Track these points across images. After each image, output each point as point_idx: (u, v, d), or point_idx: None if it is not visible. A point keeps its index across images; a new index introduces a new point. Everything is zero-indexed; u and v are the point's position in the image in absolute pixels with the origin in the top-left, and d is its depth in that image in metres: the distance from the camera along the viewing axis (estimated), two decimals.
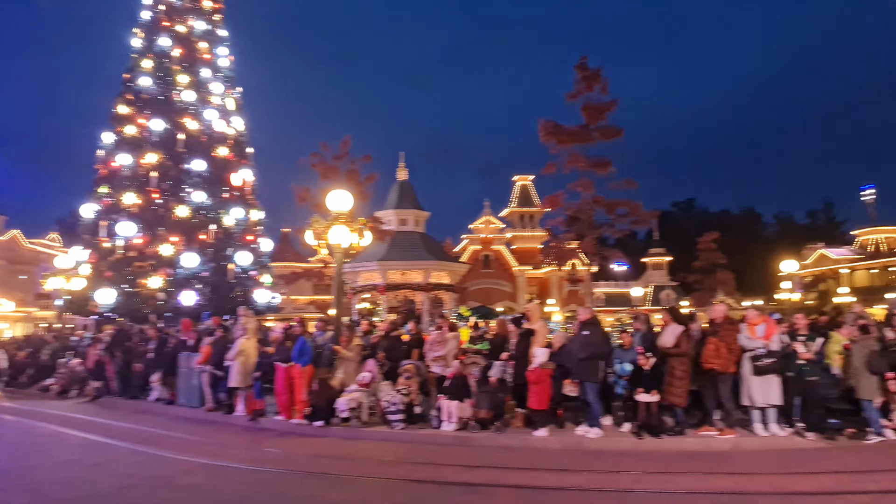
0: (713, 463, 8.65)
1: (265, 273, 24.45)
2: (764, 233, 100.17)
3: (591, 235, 25.94)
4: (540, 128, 25.69)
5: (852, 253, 63.28)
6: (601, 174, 25.56)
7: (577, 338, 10.56)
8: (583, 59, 25.58)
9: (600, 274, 62.22)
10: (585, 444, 9.81)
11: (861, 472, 7.87)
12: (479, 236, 61.24)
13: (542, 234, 40.49)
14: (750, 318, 10.46)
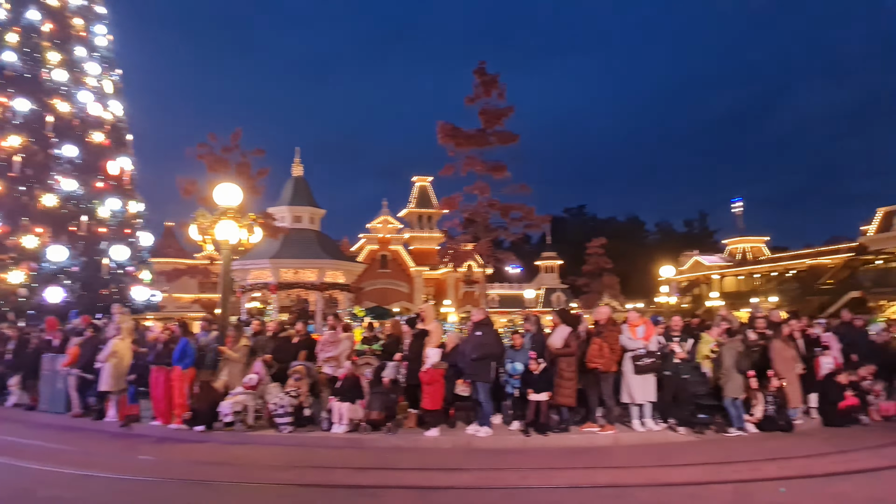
0: (595, 458, 9.01)
1: (144, 269, 22.96)
2: (646, 240, 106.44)
3: (486, 238, 26.41)
4: (438, 129, 25.87)
5: (723, 260, 68.49)
6: (497, 178, 26.08)
7: (470, 338, 10.67)
8: (481, 65, 26.01)
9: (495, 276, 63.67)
10: (476, 443, 9.94)
11: (725, 463, 8.46)
12: (376, 236, 60.84)
13: (440, 236, 40.86)
14: (631, 319, 11.01)
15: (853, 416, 11.31)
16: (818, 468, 8.15)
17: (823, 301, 47.92)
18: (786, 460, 8.59)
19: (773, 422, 10.55)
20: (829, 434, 10.62)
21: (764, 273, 62.45)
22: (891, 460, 8.51)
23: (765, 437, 10.31)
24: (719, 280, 66.56)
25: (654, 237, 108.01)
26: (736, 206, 73.18)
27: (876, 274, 46.76)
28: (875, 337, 13.20)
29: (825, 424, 11.22)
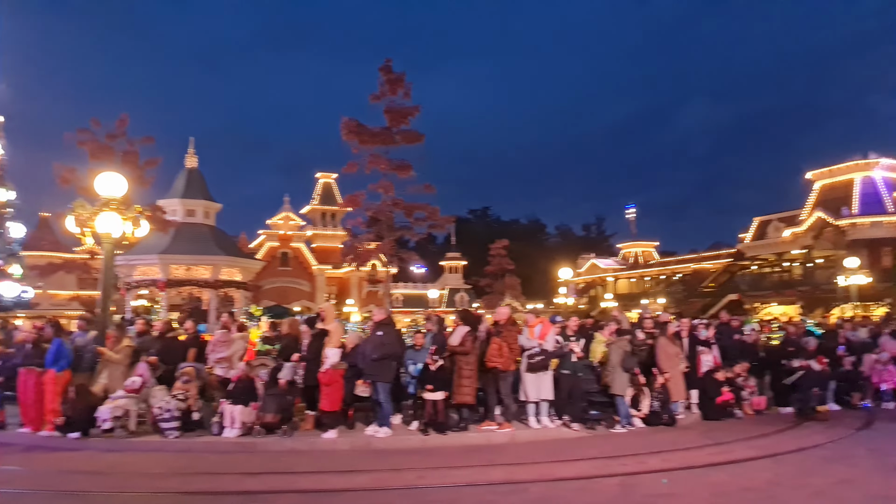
0: (492, 455, 9.13)
1: (14, 263, 21.09)
2: (547, 242, 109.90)
3: (390, 237, 26.30)
4: (342, 126, 25.50)
5: (617, 263, 71.85)
6: (402, 177, 26.04)
7: (371, 338, 10.55)
8: (387, 62, 25.89)
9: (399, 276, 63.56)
10: (374, 444, 9.83)
11: (613, 457, 8.81)
12: (277, 233, 59.11)
13: (344, 234, 40.31)
14: (529, 320, 11.26)
15: (729, 410, 12.13)
16: (697, 460, 8.64)
17: (706, 303, 51.28)
18: (668, 453, 9.06)
19: (657, 416, 11.12)
20: (707, 427, 11.31)
21: (653, 276, 66.06)
22: (761, 451, 9.16)
23: (650, 431, 10.85)
24: (614, 282, 69.78)
25: (554, 240, 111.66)
26: (629, 213, 77.11)
27: (751, 278, 50.60)
28: (748, 337, 14.20)
29: (704, 418, 11.96)
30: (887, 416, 12.28)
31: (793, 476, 7.77)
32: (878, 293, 38.42)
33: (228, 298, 26.24)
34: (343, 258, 29.90)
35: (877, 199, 41.42)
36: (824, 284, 40.65)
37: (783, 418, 12.11)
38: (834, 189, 43.60)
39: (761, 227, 49.38)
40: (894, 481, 7.47)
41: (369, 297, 59.56)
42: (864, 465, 8.31)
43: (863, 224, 40.50)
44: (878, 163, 42.38)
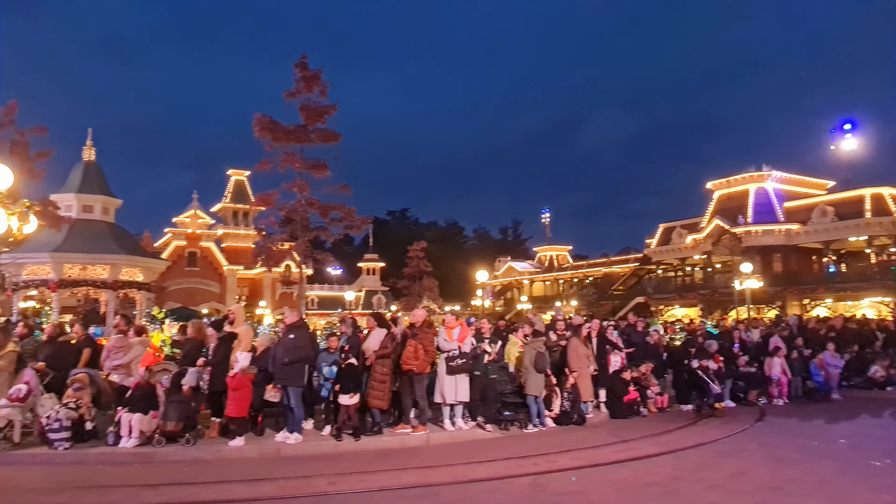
0: (405, 459, 9.05)
1: None
2: (465, 245, 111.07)
3: (304, 237, 25.73)
4: (255, 122, 24.75)
5: (533, 266, 73.52)
6: (317, 177, 25.56)
7: (282, 341, 10.24)
8: (303, 59, 25.34)
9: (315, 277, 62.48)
10: (284, 451, 9.53)
11: (525, 457, 8.95)
12: (184, 231, 56.52)
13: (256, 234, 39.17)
14: (448, 322, 11.27)
15: (635, 408, 12.61)
16: (604, 457, 8.92)
17: (615, 305, 53.34)
18: (578, 451, 9.30)
19: (568, 416, 11.41)
20: (614, 426, 11.71)
21: (567, 279, 68.05)
22: (663, 447, 9.57)
23: (561, 430, 11.11)
24: (529, 285, 71.35)
25: (472, 243, 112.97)
26: (545, 217, 79.20)
27: (657, 282, 53.06)
28: (652, 338, 14.83)
29: (612, 417, 12.38)
30: (776, 411, 13.12)
31: (692, 470, 8.14)
32: (770, 297, 41.20)
33: (130, 300, 24.80)
34: (255, 258, 28.98)
35: (769, 208, 44.38)
36: (722, 288, 43.16)
37: (684, 415, 12.71)
38: (731, 198, 46.39)
39: (666, 233, 51.85)
40: (781, 473, 7.96)
41: (283, 299, 58.08)
42: (755, 458, 8.84)
43: (756, 232, 43.28)
44: (770, 175, 45.44)
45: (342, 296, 63.47)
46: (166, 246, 55.67)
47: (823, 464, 8.38)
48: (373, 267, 72.78)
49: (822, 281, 41.98)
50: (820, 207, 41.90)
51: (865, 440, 10.03)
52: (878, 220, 38.87)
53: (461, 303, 74.52)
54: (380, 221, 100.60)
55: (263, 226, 27.74)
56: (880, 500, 6.74)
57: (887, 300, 37.12)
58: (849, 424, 11.70)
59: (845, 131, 47.14)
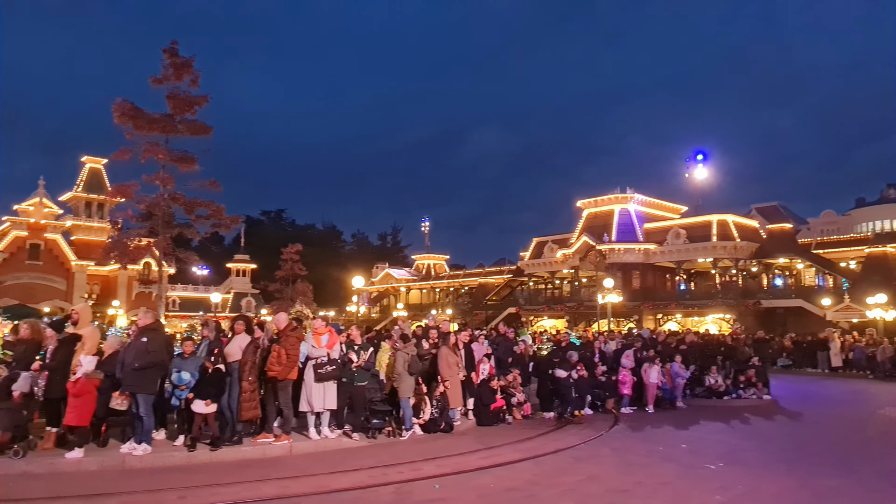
0: (266, 470, 8.67)
1: None
2: (343, 249, 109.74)
3: (166, 234, 24.17)
4: (115, 107, 22.98)
5: (410, 274, 73.95)
6: (184, 170, 24.17)
7: (133, 345, 9.44)
8: (173, 44, 23.91)
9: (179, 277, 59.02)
10: (130, 463, 8.81)
11: (391, 465, 8.88)
12: (26, 220, 51.22)
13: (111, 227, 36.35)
14: (317, 327, 10.97)
15: (501, 416, 12.94)
16: (469, 464, 9.05)
17: (489, 315, 54.87)
18: (443, 459, 9.37)
19: (436, 423, 11.48)
20: (480, 433, 11.93)
21: (443, 288, 69.08)
22: (525, 453, 9.88)
23: (429, 438, 11.15)
24: (406, 292, 71.64)
25: (349, 248, 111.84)
26: (424, 225, 80.00)
27: (528, 293, 55.21)
28: (520, 347, 15.32)
29: (478, 424, 12.61)
30: (627, 419, 13.98)
31: (550, 475, 8.46)
32: (628, 311, 44.16)
33: None
34: (108, 254, 26.72)
35: (631, 228, 47.68)
36: (587, 301, 45.72)
37: (546, 422, 13.22)
38: (598, 217, 49.35)
39: (538, 247, 54.14)
40: (629, 476, 8.47)
41: (141, 299, 54.21)
42: (608, 462, 9.35)
43: (619, 250, 46.32)
44: (633, 197, 48.85)
45: (208, 297, 60.44)
46: (4, 236, 50.16)
47: (667, 467, 9.01)
48: (243, 268, 69.96)
49: (674, 297, 45.75)
50: (674, 230, 45.68)
51: (704, 445, 10.90)
52: (723, 244, 43.01)
53: (336, 308, 73.41)
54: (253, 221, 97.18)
55: (120, 219, 25.75)
56: (712, 500, 7.34)
57: (728, 316, 41.06)
58: (690, 431, 12.68)
59: (698, 161, 51.66)
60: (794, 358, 29.88)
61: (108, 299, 53.28)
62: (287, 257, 56.57)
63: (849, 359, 27.42)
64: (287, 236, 79.24)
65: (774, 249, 43.60)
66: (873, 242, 42.49)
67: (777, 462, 9.43)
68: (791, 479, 8.33)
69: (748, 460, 9.56)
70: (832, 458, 9.91)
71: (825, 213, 65.75)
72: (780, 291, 43.02)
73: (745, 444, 11.08)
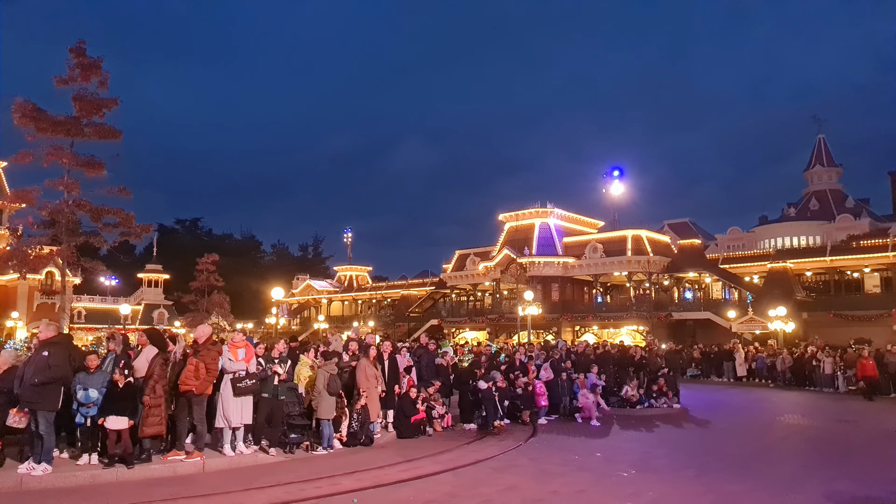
0: (177, 488, 8.34)
1: None
2: (262, 260, 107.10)
3: (70, 242, 22.89)
4: (15, 108, 21.68)
5: (332, 285, 72.88)
6: (91, 176, 23.00)
7: (34, 359, 8.90)
8: (80, 44, 22.82)
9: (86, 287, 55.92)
10: (29, 484, 8.27)
11: (309, 480, 8.73)
12: None
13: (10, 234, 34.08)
14: (235, 340, 10.68)
15: (422, 428, 12.96)
16: (388, 477, 9.02)
17: (411, 327, 54.81)
18: (363, 472, 9.30)
19: (356, 437, 11.37)
20: (401, 445, 11.92)
21: (366, 300, 68.47)
22: (444, 465, 9.96)
23: (349, 451, 11.03)
24: (328, 304, 70.55)
25: (269, 258, 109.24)
26: (347, 237, 79.28)
27: (451, 305, 55.55)
28: (441, 359, 15.43)
29: (399, 437, 12.58)
30: (545, 429, 14.31)
31: (469, 486, 8.56)
32: (548, 322, 45.22)
33: None
34: (6, 263, 25.04)
35: (550, 242, 48.93)
36: (508, 314, 46.47)
37: (467, 434, 13.35)
38: (519, 231, 50.38)
39: (461, 260, 54.65)
40: (546, 485, 8.69)
41: (43, 310, 50.89)
42: (526, 472, 9.56)
43: (539, 263, 47.41)
44: (552, 212, 50.20)
45: (117, 309, 57.45)
46: None
47: (582, 475, 9.30)
48: (155, 279, 67.04)
49: (592, 310, 47.21)
50: (592, 244, 47.20)
51: (618, 453, 11.31)
52: (637, 259, 44.79)
53: (255, 320, 71.44)
54: (166, 230, 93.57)
55: (20, 226, 24.21)
56: None
57: (641, 328, 42.75)
58: (605, 440, 13.13)
59: (614, 177, 53.65)
60: (703, 368, 31.57)
61: (6, 311, 49.70)
62: (203, 267, 54.68)
63: (752, 368, 29.17)
64: (203, 246, 76.57)
65: (685, 264, 45.79)
66: (774, 258, 45.28)
67: (685, 468, 9.93)
68: (698, 484, 8.79)
69: (659, 467, 10.01)
70: (736, 464, 10.50)
71: (731, 230, 69.69)
72: (689, 304, 45.17)
73: (657, 451, 11.59)
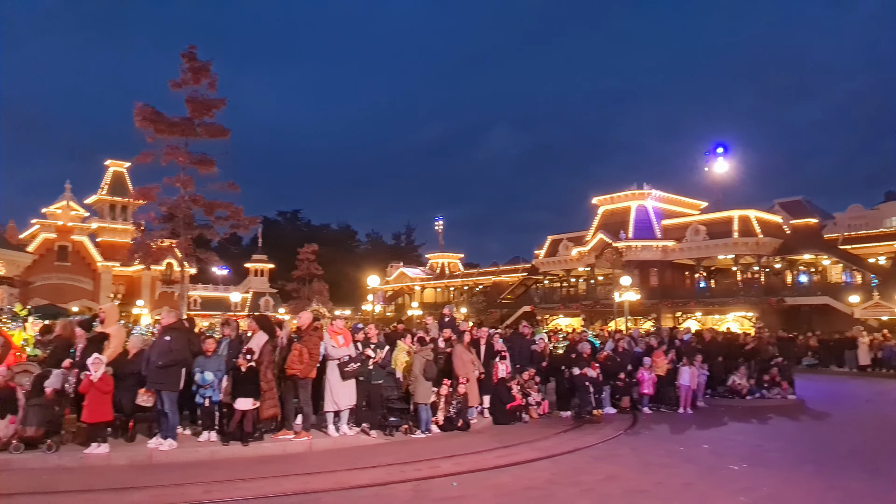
0: (287, 466, 8.84)
1: None
2: (357, 249, 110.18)
3: (187, 235, 24.59)
4: (136, 112, 23.43)
5: (424, 273, 74.10)
6: (203, 173, 24.59)
7: (157, 343, 9.69)
8: (191, 49, 24.34)
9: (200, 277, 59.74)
10: (157, 458, 9.02)
11: (409, 462, 8.99)
12: (54, 223, 52.31)
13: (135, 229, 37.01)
14: (335, 326, 11.12)
15: (518, 414, 12.99)
16: (486, 463, 9.12)
17: (503, 313, 54.80)
18: (461, 457, 9.45)
19: (453, 422, 11.56)
20: (497, 431, 12.00)
21: (457, 287, 69.14)
22: (542, 452, 9.94)
23: (446, 436, 11.24)
24: (420, 291, 71.81)
25: (364, 247, 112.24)
26: (438, 225, 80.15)
27: (543, 292, 55.04)
28: (537, 346, 15.35)
29: (495, 423, 12.67)
30: (647, 418, 13.96)
31: (568, 474, 8.50)
32: (646, 309, 43.87)
33: None
34: (132, 255, 27.30)
35: (648, 225, 47.30)
36: (604, 300, 45.46)
37: (563, 421, 13.25)
38: (614, 214, 49.03)
39: (553, 245, 53.94)
40: (649, 476, 8.47)
41: (164, 299, 54.99)
42: (627, 462, 9.36)
43: (636, 247, 45.99)
44: (650, 193, 48.44)
45: (227, 297, 61.08)
46: (33, 238, 51.29)
47: (688, 468, 8.98)
48: (261, 268, 70.60)
49: (693, 295, 45.23)
50: (693, 226, 45.12)
51: (726, 446, 10.82)
52: (744, 241, 42.41)
53: (352, 307, 73.79)
54: (270, 222, 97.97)
55: (143, 221, 26.24)
56: (736, 501, 7.28)
57: (750, 315, 40.55)
58: (712, 431, 12.63)
59: (718, 154, 51.01)
60: (820, 357, 29.53)
61: (132, 299, 54.14)
62: (303, 257, 57.03)
63: (877, 358, 26.97)
64: (303, 236, 79.75)
65: (799, 245, 42.89)
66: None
67: (803, 463, 9.32)
68: (817, 480, 8.25)
69: (773, 461, 9.50)
70: (860, 460, 9.79)
71: (852, 208, 64.25)
72: (804, 288, 42.24)
73: (770, 444, 10.99)
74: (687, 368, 14.97)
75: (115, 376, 9.32)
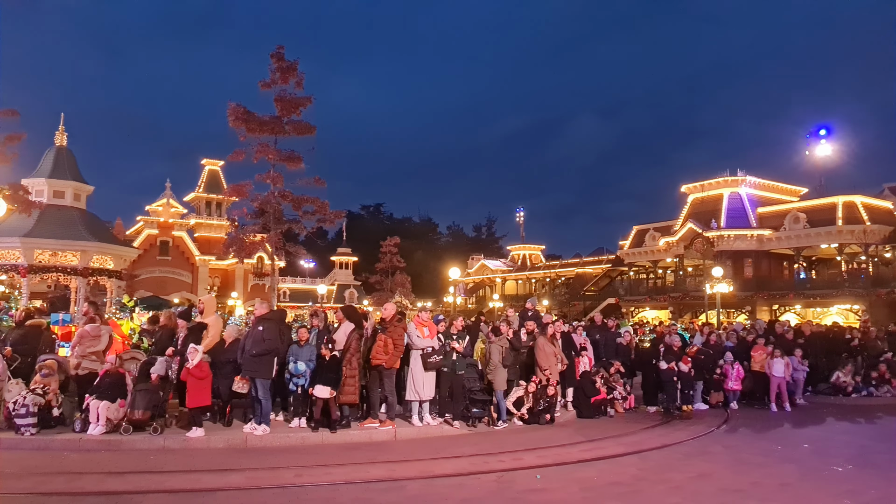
0: (373, 453, 9.07)
1: None
2: (439, 241, 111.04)
3: (277, 229, 25.61)
4: (229, 112, 24.53)
5: (505, 265, 73.82)
6: (291, 169, 25.47)
7: (251, 333, 10.17)
8: (279, 49, 25.18)
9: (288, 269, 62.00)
10: (252, 442, 9.49)
11: (492, 453, 9.01)
12: (157, 220, 55.84)
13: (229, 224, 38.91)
14: (421, 318, 11.28)
15: (602, 408, 12.76)
16: (570, 456, 9.02)
17: (587, 305, 53.85)
18: (545, 449, 9.39)
19: (536, 415, 11.49)
20: (581, 425, 11.84)
21: (539, 278, 68.48)
22: (628, 447, 9.72)
23: (529, 428, 11.20)
24: (502, 283, 71.63)
25: (445, 239, 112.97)
26: (519, 216, 79.60)
27: (629, 283, 53.65)
28: (622, 339, 14.98)
29: (579, 416, 12.50)
30: (740, 414, 13.36)
31: (656, 471, 8.26)
32: (740, 301, 41.91)
33: (100, 287, 24.32)
34: (227, 249, 28.76)
35: (742, 213, 45.11)
36: (693, 291, 43.80)
37: (650, 416, 12.90)
38: (705, 203, 47.04)
39: (639, 236, 52.42)
40: (744, 475, 8.10)
41: (255, 291, 57.65)
42: (719, 460, 8.99)
43: (729, 237, 43.98)
44: (744, 180, 46.13)
45: (314, 289, 63.18)
46: (138, 234, 54.97)
47: (786, 468, 8.52)
48: (345, 261, 72.45)
49: (793, 287, 42.78)
50: (792, 214, 42.58)
51: (829, 446, 10.21)
52: (850, 228, 39.64)
53: (433, 299, 74.60)
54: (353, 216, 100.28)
55: (236, 216, 27.52)
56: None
57: (856, 308, 37.93)
58: (813, 430, 11.95)
59: (820, 137, 47.89)
60: None
61: (227, 291, 57.10)
62: (386, 250, 58.07)
63: None
64: (385, 229, 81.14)
65: None
66: None
67: None
68: None
69: (881, 463, 8.87)
70: None
71: None
72: None
73: (879, 445, 10.27)
74: (780, 359, 14.17)
75: (212, 364, 9.87)
